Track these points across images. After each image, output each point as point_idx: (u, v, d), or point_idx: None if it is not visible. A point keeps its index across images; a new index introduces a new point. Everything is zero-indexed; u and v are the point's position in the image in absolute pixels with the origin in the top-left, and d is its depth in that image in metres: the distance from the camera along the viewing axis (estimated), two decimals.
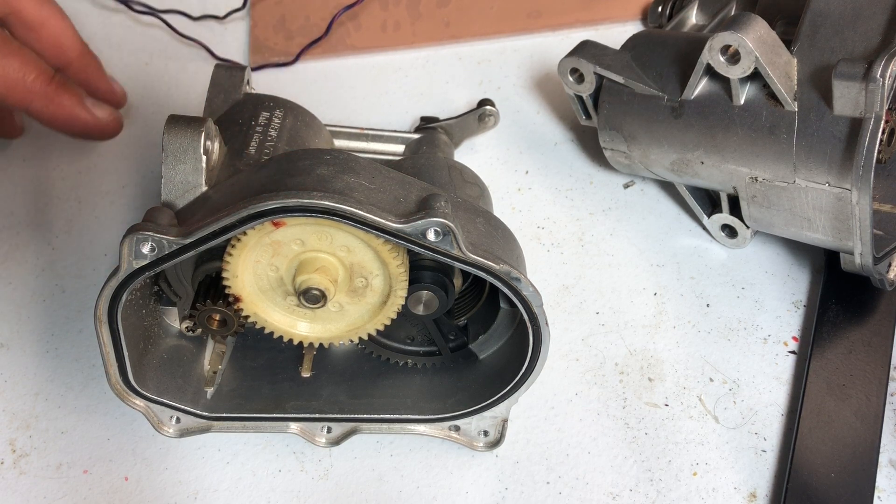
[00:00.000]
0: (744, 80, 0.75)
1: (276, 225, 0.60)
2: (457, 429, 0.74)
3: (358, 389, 0.75)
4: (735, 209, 0.85)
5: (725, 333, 0.84)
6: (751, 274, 0.88)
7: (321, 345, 0.71)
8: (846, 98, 0.69)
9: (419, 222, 0.58)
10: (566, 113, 1.04)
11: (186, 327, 0.72)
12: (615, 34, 0.96)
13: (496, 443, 0.74)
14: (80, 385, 0.82)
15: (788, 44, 0.75)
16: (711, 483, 0.74)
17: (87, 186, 0.97)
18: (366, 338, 0.70)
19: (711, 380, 0.80)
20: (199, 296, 0.68)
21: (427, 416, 0.73)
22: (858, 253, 0.74)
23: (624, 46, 0.89)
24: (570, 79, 0.90)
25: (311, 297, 0.63)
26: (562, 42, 1.09)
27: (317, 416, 0.73)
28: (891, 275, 0.81)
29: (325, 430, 0.74)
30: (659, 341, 0.83)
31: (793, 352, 0.82)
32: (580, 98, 0.92)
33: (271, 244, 0.63)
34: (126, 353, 0.65)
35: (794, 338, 0.83)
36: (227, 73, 0.81)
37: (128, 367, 0.66)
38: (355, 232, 0.60)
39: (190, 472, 0.76)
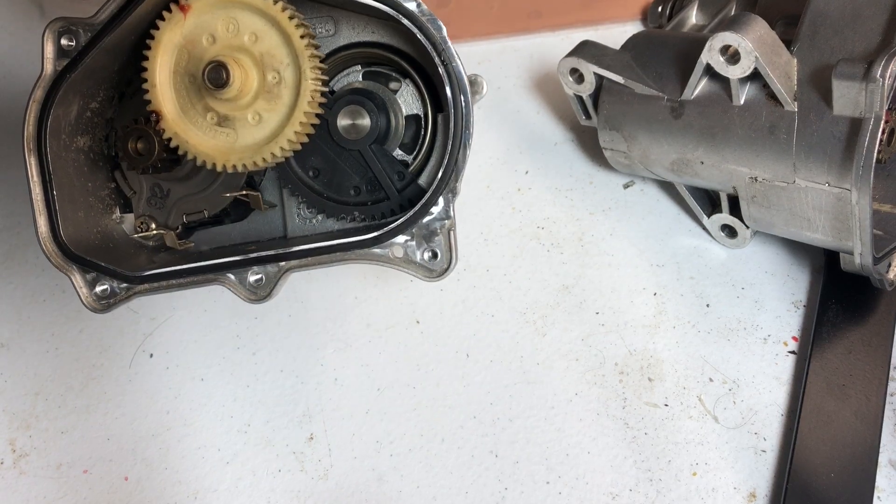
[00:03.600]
0: (743, 81, 0.75)
1: (183, 10, 0.63)
2: (402, 255, 0.67)
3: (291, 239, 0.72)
4: (735, 209, 0.85)
5: (725, 333, 0.84)
6: (751, 274, 0.88)
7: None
8: (846, 98, 0.69)
9: None
10: (566, 113, 1.04)
11: (138, 225, 0.72)
12: (615, 34, 0.96)
13: (447, 267, 0.67)
14: (80, 385, 0.82)
15: (788, 44, 0.75)
16: (711, 483, 0.74)
17: None
18: (286, 148, 0.66)
19: (711, 380, 0.80)
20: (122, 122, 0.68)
21: (359, 238, 0.67)
22: (858, 253, 0.74)
23: (624, 46, 0.89)
24: (570, 79, 0.90)
25: (215, 73, 0.62)
26: (562, 42, 1.09)
27: (243, 257, 0.68)
28: (890, 275, 0.81)
29: (256, 277, 0.68)
30: (659, 341, 0.83)
31: (793, 352, 0.82)
32: (580, 98, 0.92)
33: (184, 45, 0.64)
34: (57, 205, 0.65)
35: (794, 338, 0.83)
36: None
37: (57, 221, 0.65)
38: (253, 2, 0.62)
39: (190, 472, 0.76)
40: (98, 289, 0.67)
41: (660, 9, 1.04)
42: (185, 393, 0.81)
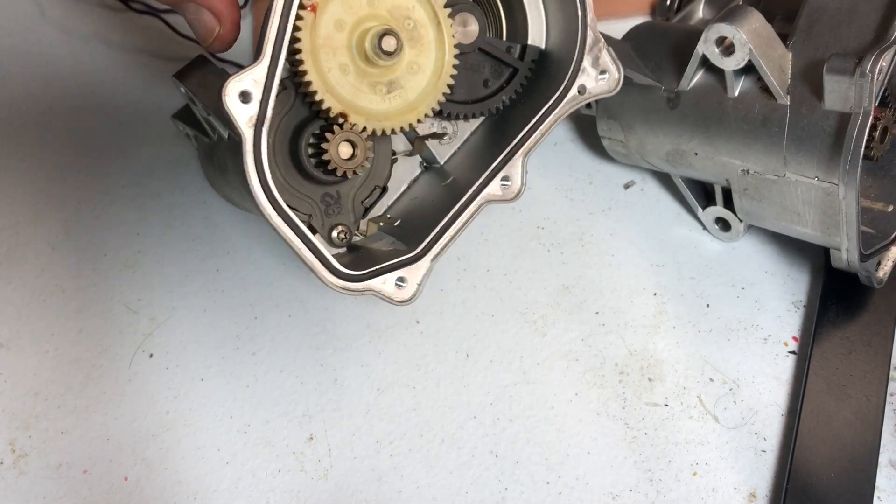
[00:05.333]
0: (738, 73, 0.75)
1: (312, 9, 0.62)
2: (591, 83, 0.73)
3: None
4: (729, 202, 0.86)
5: (725, 333, 0.84)
6: (751, 274, 0.88)
7: None
8: (836, 93, 0.69)
9: None
10: None
11: (338, 237, 0.70)
12: (623, 29, 0.96)
13: (617, 77, 0.73)
14: (80, 385, 0.82)
15: (785, 38, 0.75)
16: (711, 483, 0.74)
17: (87, 186, 0.96)
18: (454, 73, 0.69)
19: (711, 380, 0.80)
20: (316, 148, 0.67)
21: (557, 94, 0.71)
22: (845, 249, 0.75)
23: (625, 37, 0.90)
24: None
25: (387, 42, 0.64)
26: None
27: (490, 170, 0.69)
28: (880, 273, 0.81)
29: (504, 176, 0.70)
30: (659, 341, 0.83)
31: (793, 352, 0.82)
32: None
33: (324, 44, 0.64)
34: (322, 248, 0.62)
35: (794, 338, 0.83)
36: None
37: (331, 260, 0.63)
38: None
39: (190, 473, 0.76)
40: (394, 285, 0.66)
41: (668, 3, 1.04)
42: (184, 393, 0.81)
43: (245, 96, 0.58)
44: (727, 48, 0.74)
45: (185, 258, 0.89)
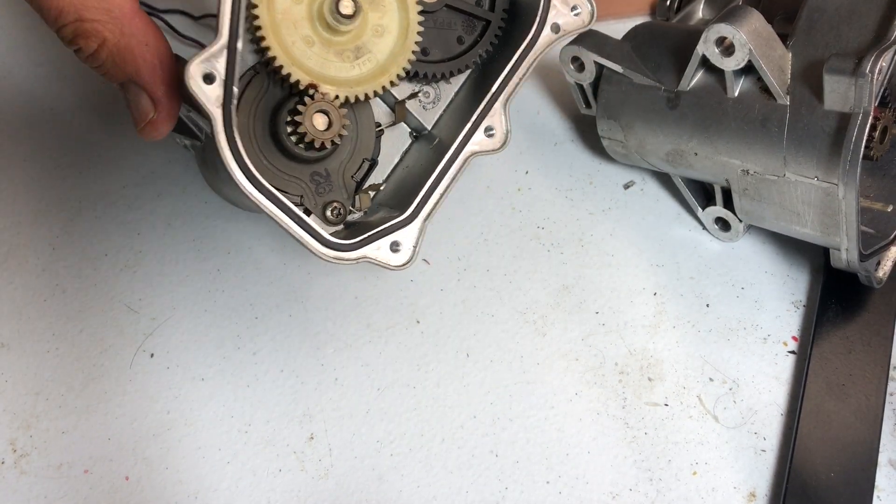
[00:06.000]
0: (738, 73, 0.76)
1: None
2: (563, 20, 0.72)
3: None
4: (729, 202, 0.86)
5: (725, 333, 0.84)
6: (750, 274, 0.88)
7: None
8: (836, 93, 0.69)
9: None
10: (566, 113, 1.04)
11: (330, 215, 0.70)
12: (623, 29, 0.96)
13: (591, 9, 0.72)
14: (80, 385, 0.82)
15: (785, 38, 0.75)
16: (711, 483, 0.74)
17: (87, 186, 0.97)
18: (421, 30, 0.68)
19: (711, 379, 0.81)
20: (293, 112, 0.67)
21: (528, 40, 0.70)
22: (844, 249, 0.75)
23: (625, 37, 0.90)
24: (571, 67, 0.90)
25: (344, 4, 0.64)
26: (563, 40, 1.08)
27: (472, 120, 0.69)
28: (880, 273, 0.81)
29: (489, 125, 0.70)
30: (659, 341, 0.83)
31: (792, 352, 0.82)
32: (580, 87, 0.93)
33: (283, 18, 0.64)
34: (310, 221, 0.62)
35: (794, 337, 0.83)
36: None
37: (321, 232, 0.63)
38: None
39: (190, 472, 0.76)
40: (388, 251, 0.66)
41: (668, 3, 1.04)
42: (185, 393, 0.81)
43: (208, 77, 0.59)
44: (727, 48, 0.74)
45: (185, 258, 0.89)
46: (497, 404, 0.80)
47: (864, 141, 0.68)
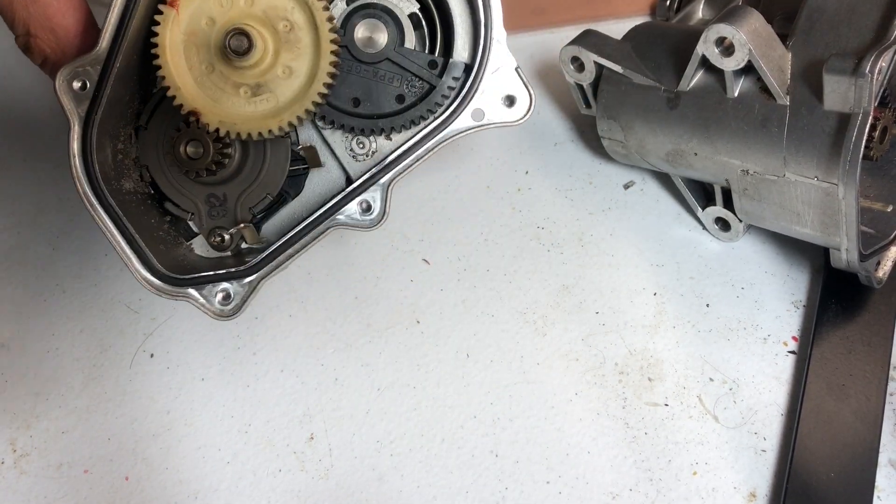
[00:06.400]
0: (738, 73, 0.76)
1: (173, 5, 0.62)
2: (487, 112, 0.67)
3: None
4: (728, 203, 0.86)
5: (725, 333, 0.84)
6: (750, 274, 0.88)
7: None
8: (836, 93, 0.69)
9: None
10: (566, 113, 1.04)
11: (212, 240, 0.70)
12: (621, 29, 0.96)
13: (528, 104, 0.66)
14: (80, 385, 0.82)
15: (785, 38, 0.75)
16: (711, 483, 0.74)
17: None
18: (329, 81, 0.65)
19: (711, 379, 0.81)
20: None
21: (443, 117, 0.66)
22: (844, 248, 0.75)
23: (625, 37, 0.90)
24: (571, 67, 0.90)
25: (237, 41, 0.62)
26: (563, 40, 1.08)
27: (344, 192, 0.67)
28: (879, 273, 0.81)
29: (365, 204, 0.67)
30: (659, 341, 0.83)
31: (792, 352, 0.82)
32: (580, 87, 0.93)
33: (188, 39, 0.63)
34: (142, 243, 0.64)
35: (794, 338, 0.83)
36: None
37: (150, 257, 0.64)
38: None
39: (190, 472, 0.76)
40: (218, 297, 0.66)
41: (668, 3, 1.04)
42: (185, 393, 0.81)
43: (79, 84, 0.61)
44: (727, 48, 0.74)
45: None
46: (497, 404, 0.80)
47: (864, 141, 0.67)
